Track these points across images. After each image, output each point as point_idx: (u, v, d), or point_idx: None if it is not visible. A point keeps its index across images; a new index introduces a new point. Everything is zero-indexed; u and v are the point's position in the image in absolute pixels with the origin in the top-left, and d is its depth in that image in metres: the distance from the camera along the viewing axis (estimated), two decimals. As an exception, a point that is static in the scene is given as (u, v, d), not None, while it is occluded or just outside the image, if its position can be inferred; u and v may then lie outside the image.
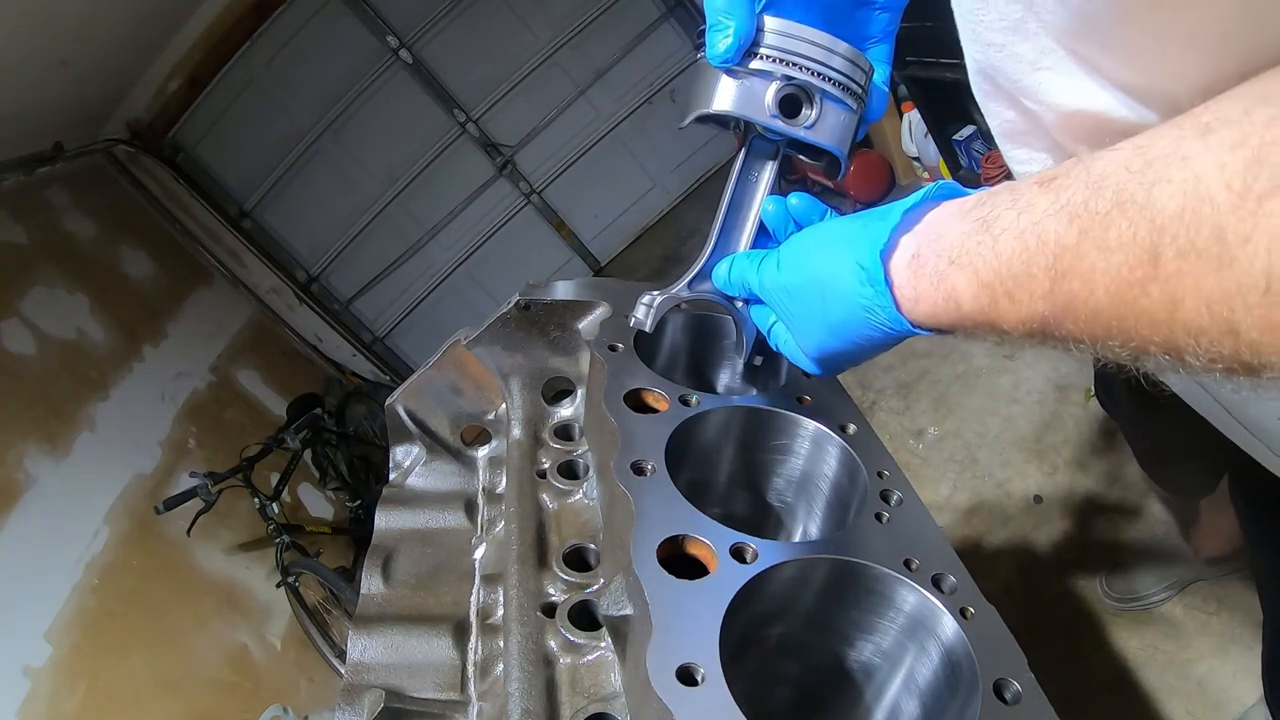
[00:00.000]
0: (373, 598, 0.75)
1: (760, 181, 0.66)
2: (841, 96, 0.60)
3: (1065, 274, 0.36)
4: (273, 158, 4.52)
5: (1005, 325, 0.42)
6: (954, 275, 0.44)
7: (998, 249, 0.41)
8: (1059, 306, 0.37)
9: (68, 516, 2.52)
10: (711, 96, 0.60)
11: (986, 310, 0.42)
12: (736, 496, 0.80)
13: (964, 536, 2.07)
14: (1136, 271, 0.33)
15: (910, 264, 0.48)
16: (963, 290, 0.43)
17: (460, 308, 4.94)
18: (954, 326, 0.46)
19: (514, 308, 0.89)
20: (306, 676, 2.80)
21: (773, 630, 0.62)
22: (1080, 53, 0.46)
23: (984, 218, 0.42)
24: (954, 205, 0.47)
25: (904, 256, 0.48)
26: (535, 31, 4.60)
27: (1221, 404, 0.72)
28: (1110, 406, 1.37)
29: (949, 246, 0.45)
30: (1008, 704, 0.48)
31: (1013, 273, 0.40)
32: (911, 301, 0.48)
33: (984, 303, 0.42)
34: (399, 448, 0.94)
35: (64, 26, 2.89)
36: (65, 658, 2.21)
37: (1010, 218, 0.40)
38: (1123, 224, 0.33)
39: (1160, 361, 0.35)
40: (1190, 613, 1.66)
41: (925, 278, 0.46)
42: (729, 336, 0.91)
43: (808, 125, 0.60)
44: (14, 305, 2.85)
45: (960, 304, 0.44)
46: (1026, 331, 0.41)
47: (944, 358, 2.66)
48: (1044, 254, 0.37)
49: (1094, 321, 0.36)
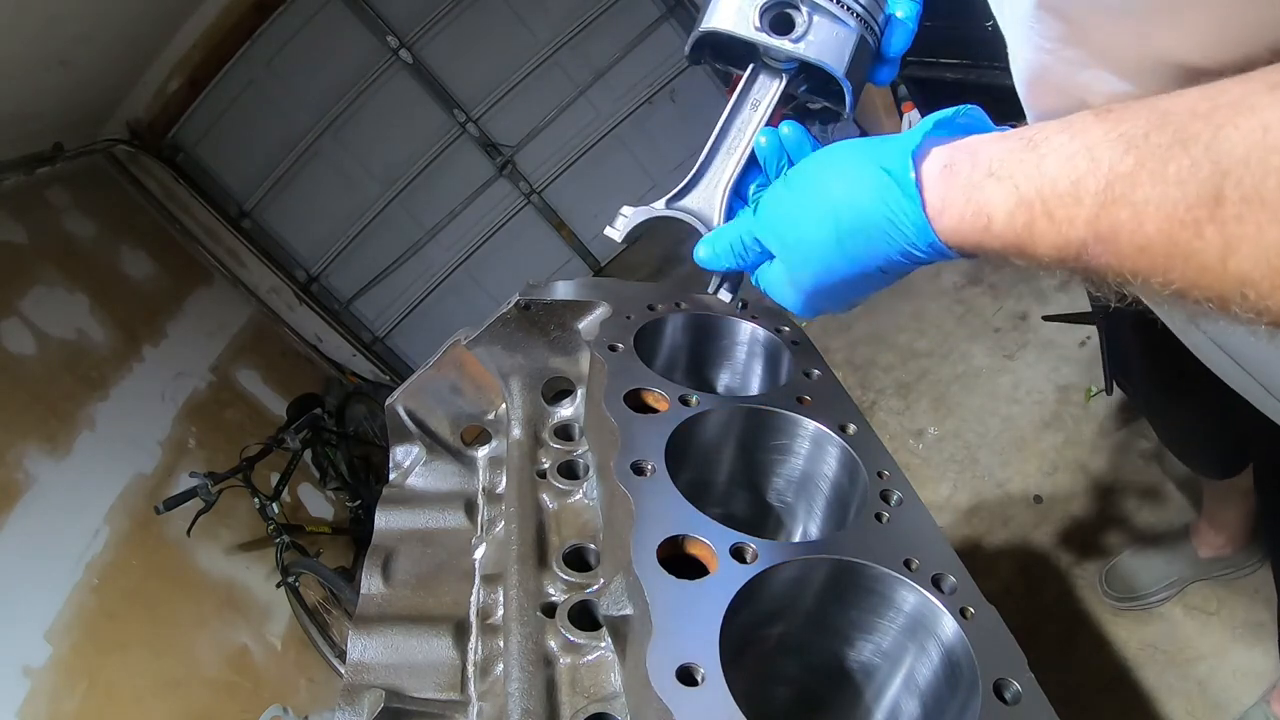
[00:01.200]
0: (373, 598, 0.75)
1: (759, 109, 0.64)
2: (834, 10, 0.58)
3: (1115, 201, 0.35)
4: (273, 158, 4.51)
5: (1038, 248, 0.40)
6: (990, 187, 0.42)
7: (1043, 167, 0.39)
8: (1101, 234, 0.36)
9: (68, 516, 2.51)
10: (705, 17, 0.60)
11: (1020, 230, 0.40)
12: (736, 496, 0.80)
13: (964, 536, 2.07)
14: (1195, 211, 0.31)
15: (942, 172, 0.45)
16: (998, 204, 0.41)
17: (460, 308, 4.93)
18: (979, 246, 0.44)
19: (514, 308, 0.89)
20: (306, 676, 2.80)
21: (773, 630, 0.62)
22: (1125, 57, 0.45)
23: (1030, 138, 0.40)
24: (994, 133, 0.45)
25: (935, 165, 0.46)
26: (535, 31, 4.60)
27: (1255, 377, 0.72)
28: (1127, 388, 1.36)
29: (987, 159, 0.43)
30: (1008, 704, 0.48)
31: (1057, 192, 0.38)
32: (937, 211, 0.45)
33: (1019, 221, 0.40)
34: (399, 448, 0.94)
35: (64, 26, 2.89)
36: (65, 658, 2.21)
37: (1061, 140, 0.38)
38: (1184, 161, 0.31)
39: (1199, 308, 0.34)
40: (1190, 613, 1.66)
41: (957, 187, 0.44)
42: (729, 336, 0.91)
43: (795, 39, 0.58)
44: (14, 305, 2.85)
45: (992, 219, 0.42)
46: (1059, 257, 0.39)
47: (944, 358, 2.66)
48: (1095, 177, 0.36)
49: (1138, 256, 0.34)
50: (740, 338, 0.90)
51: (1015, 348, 2.50)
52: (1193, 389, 0.89)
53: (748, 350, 0.90)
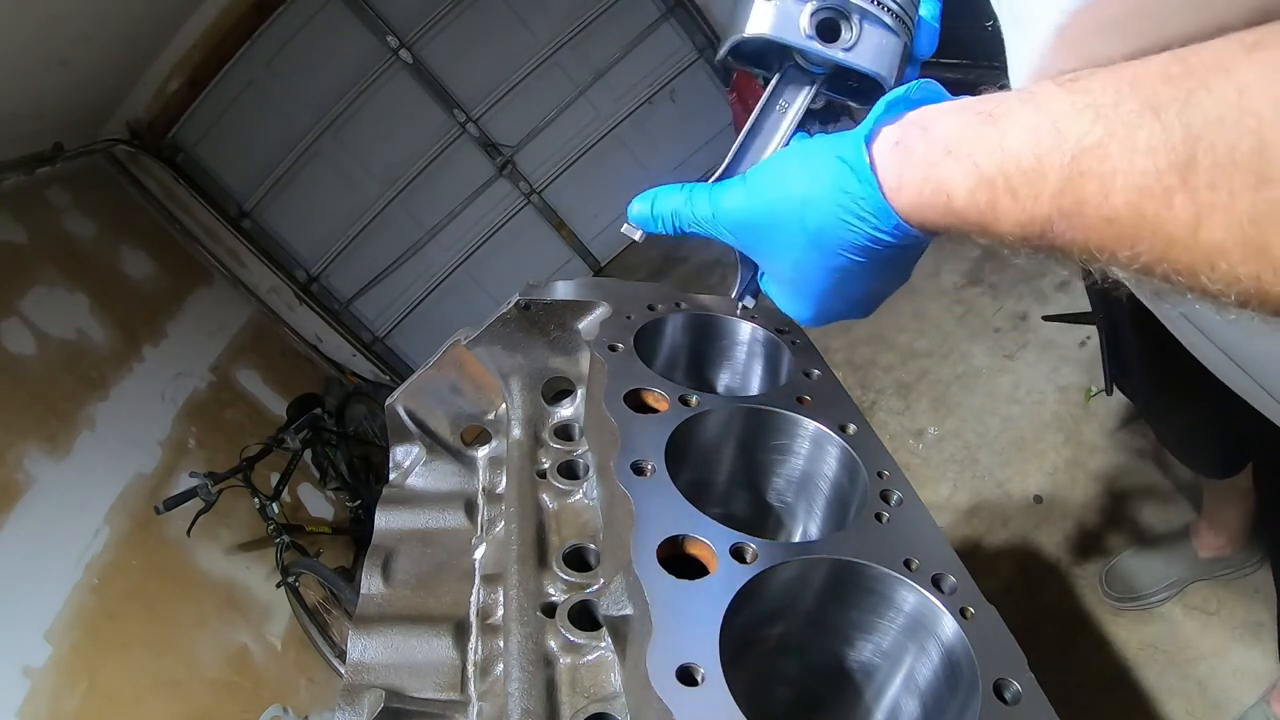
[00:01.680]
0: (373, 598, 0.75)
1: (789, 112, 0.63)
2: (883, 17, 0.57)
3: (1081, 174, 0.33)
4: (273, 158, 4.51)
5: (1001, 226, 0.39)
6: (948, 166, 0.40)
7: (1005, 143, 0.37)
8: (1067, 209, 0.35)
9: (68, 516, 2.51)
10: (745, 21, 0.57)
11: (982, 208, 0.39)
12: (736, 496, 0.80)
13: (964, 536, 2.07)
14: (1165, 179, 0.30)
15: (893, 150, 0.44)
16: (958, 183, 0.40)
17: (460, 308, 4.93)
18: (939, 224, 0.43)
19: (514, 308, 0.89)
20: (306, 676, 2.80)
21: (773, 630, 0.62)
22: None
23: (989, 112, 0.39)
24: (945, 103, 0.44)
25: (886, 143, 0.45)
26: (535, 31, 4.60)
27: (1254, 377, 0.72)
28: (1127, 388, 1.36)
29: (944, 137, 0.41)
30: (1008, 704, 0.48)
31: (1021, 168, 0.36)
32: (893, 190, 0.44)
33: (981, 199, 0.39)
34: (399, 448, 0.94)
35: (64, 26, 2.89)
36: (65, 658, 2.21)
37: (1024, 113, 0.37)
38: (1155, 127, 0.30)
39: (1167, 283, 0.32)
40: (1190, 613, 1.66)
41: (913, 165, 0.43)
42: (729, 336, 0.91)
43: (846, 48, 0.57)
44: (14, 305, 2.85)
45: (952, 198, 0.40)
46: (1023, 235, 0.38)
47: (944, 358, 2.66)
48: (1060, 151, 0.34)
49: (1104, 229, 0.33)
50: (740, 338, 0.90)
51: (1015, 348, 2.50)
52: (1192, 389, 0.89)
53: (748, 350, 0.90)
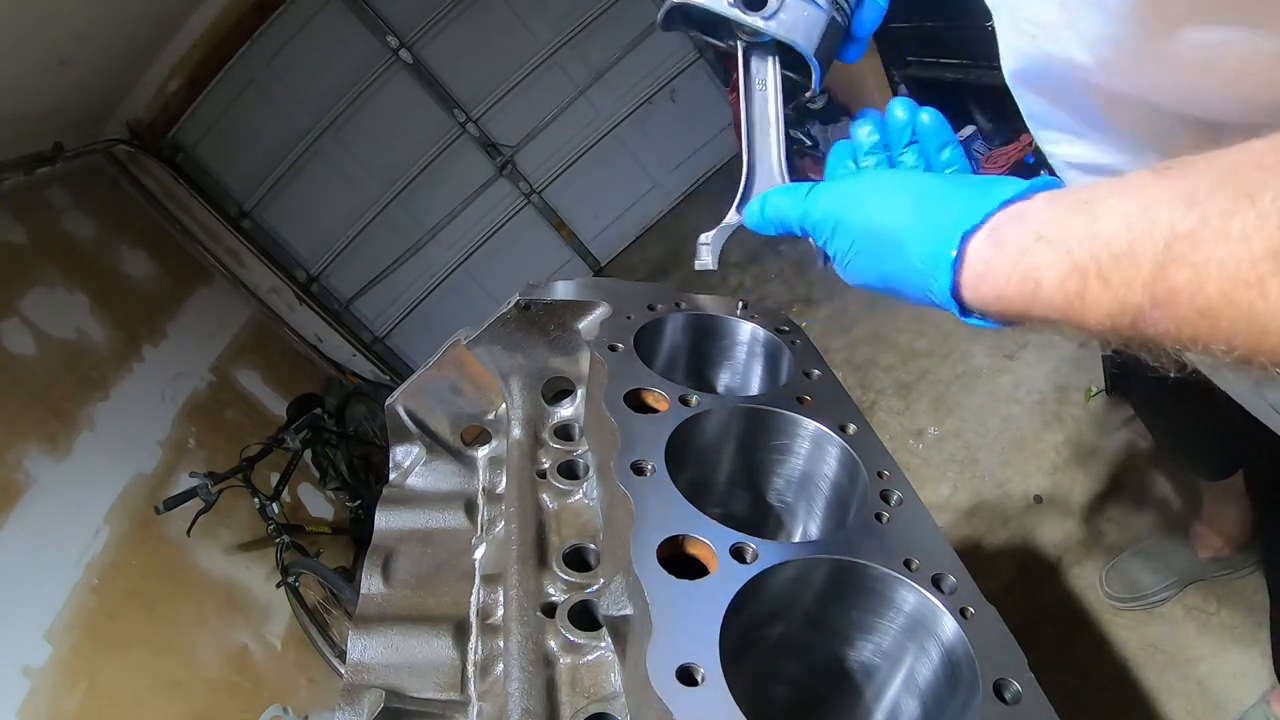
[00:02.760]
0: (373, 598, 0.75)
1: (768, 89, 0.66)
2: None
3: (1174, 261, 0.32)
4: (273, 158, 4.51)
5: (1089, 316, 0.37)
6: (1039, 252, 0.39)
7: (1097, 229, 0.36)
8: (1159, 298, 0.33)
9: (68, 516, 2.51)
10: None
11: (1071, 296, 0.38)
12: (736, 496, 0.80)
13: (964, 536, 2.07)
14: (1259, 266, 0.29)
15: (989, 236, 0.43)
16: (1048, 269, 0.39)
17: (460, 308, 4.93)
18: (1023, 314, 0.42)
19: (514, 308, 0.89)
20: (306, 676, 2.80)
21: (773, 630, 0.62)
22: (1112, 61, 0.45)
23: (1084, 199, 0.38)
24: (1045, 194, 0.43)
25: (985, 230, 0.44)
26: (535, 31, 4.60)
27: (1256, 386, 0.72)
28: (1126, 392, 1.36)
29: (1038, 222, 0.41)
30: (1008, 704, 0.48)
31: (1113, 254, 0.35)
32: (979, 277, 0.44)
33: (1071, 287, 0.38)
34: (399, 448, 0.94)
35: (65, 26, 2.89)
36: (65, 658, 2.21)
37: (1117, 201, 0.36)
38: (1251, 215, 0.30)
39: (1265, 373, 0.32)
40: (1190, 613, 1.66)
41: (1005, 254, 0.42)
42: (729, 336, 0.91)
43: (766, 16, 0.59)
44: (14, 305, 2.85)
45: (1040, 285, 0.39)
46: (1112, 325, 0.37)
47: (944, 358, 2.66)
48: (1154, 237, 0.33)
49: (1198, 320, 0.32)
50: (740, 338, 0.90)
51: (1015, 348, 2.50)
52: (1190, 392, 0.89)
53: (748, 350, 0.90)
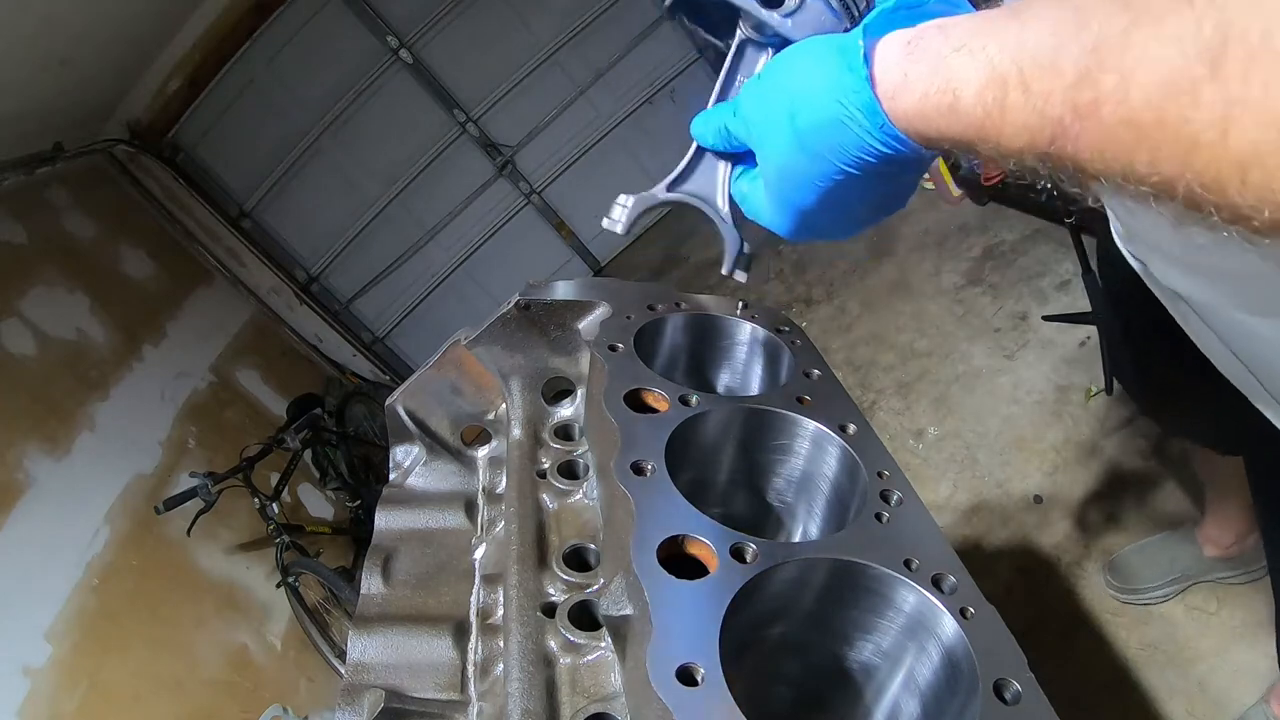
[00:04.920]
0: (373, 598, 0.75)
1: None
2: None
3: (1100, 66, 0.30)
4: (273, 158, 4.51)
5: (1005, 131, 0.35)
6: (959, 61, 0.38)
7: (1024, 36, 0.34)
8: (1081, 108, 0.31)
9: (68, 516, 2.52)
10: None
11: (989, 107, 0.36)
12: (736, 496, 0.79)
13: (964, 536, 2.07)
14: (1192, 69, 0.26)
15: (906, 45, 0.42)
16: (967, 79, 0.37)
17: (460, 308, 4.93)
18: (941, 131, 0.40)
19: (514, 308, 0.89)
20: (306, 676, 2.80)
21: (773, 630, 0.62)
22: None
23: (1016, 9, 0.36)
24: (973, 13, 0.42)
25: (898, 41, 0.42)
26: (535, 31, 4.60)
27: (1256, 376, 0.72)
28: (1127, 386, 1.35)
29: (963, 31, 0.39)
30: (1008, 704, 0.48)
31: (1036, 61, 0.33)
32: (896, 87, 0.41)
33: (989, 97, 0.36)
34: (399, 448, 0.94)
35: (64, 26, 2.89)
36: (65, 658, 2.21)
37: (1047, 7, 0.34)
38: (1187, 13, 0.27)
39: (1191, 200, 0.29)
40: (1190, 613, 1.66)
41: (922, 60, 0.40)
42: (729, 336, 0.91)
43: (785, 14, 0.57)
44: (14, 305, 2.85)
45: (959, 96, 0.37)
46: (1030, 141, 0.35)
47: (944, 358, 2.66)
48: (1080, 40, 0.31)
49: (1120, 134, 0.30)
50: (740, 338, 0.90)
51: (1015, 348, 2.50)
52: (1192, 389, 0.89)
53: (748, 350, 0.90)
